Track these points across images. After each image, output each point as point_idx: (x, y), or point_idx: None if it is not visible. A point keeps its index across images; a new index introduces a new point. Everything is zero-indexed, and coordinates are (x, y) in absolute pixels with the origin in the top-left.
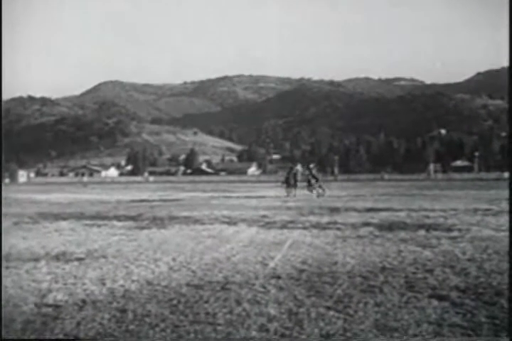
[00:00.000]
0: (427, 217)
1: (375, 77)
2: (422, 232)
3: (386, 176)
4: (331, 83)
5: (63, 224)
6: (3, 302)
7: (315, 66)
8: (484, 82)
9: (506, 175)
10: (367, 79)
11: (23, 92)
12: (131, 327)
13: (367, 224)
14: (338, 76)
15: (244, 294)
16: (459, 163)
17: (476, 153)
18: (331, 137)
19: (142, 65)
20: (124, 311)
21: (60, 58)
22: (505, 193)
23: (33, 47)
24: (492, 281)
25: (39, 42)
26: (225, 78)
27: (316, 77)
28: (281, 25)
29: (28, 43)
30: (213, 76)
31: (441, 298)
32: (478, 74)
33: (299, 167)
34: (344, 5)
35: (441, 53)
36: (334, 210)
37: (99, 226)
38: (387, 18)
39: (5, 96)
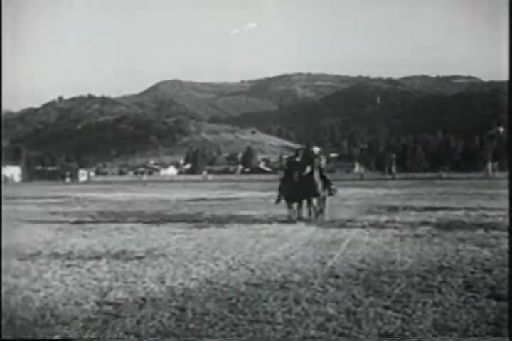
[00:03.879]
0: (486, 216)
1: (433, 74)
2: (480, 231)
3: (444, 175)
4: (389, 81)
5: (123, 222)
6: (64, 300)
7: (373, 64)
8: None
9: None
10: (425, 77)
11: (83, 92)
12: (191, 325)
13: (425, 223)
14: (396, 74)
15: (303, 293)
16: None
17: None
18: (388, 135)
19: (200, 63)
20: (183, 309)
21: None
22: None
23: (89, 47)
24: None
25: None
26: (283, 77)
27: (373, 75)
28: (335, 25)
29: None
30: (271, 74)
31: (499, 298)
32: None
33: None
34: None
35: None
36: (392, 209)
37: (158, 224)
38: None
39: (66, 96)
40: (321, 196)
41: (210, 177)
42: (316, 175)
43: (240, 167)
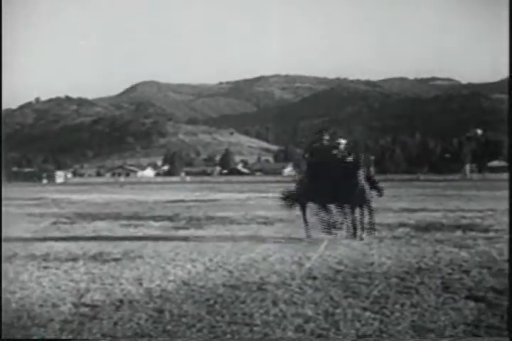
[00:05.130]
0: (464, 217)
1: (411, 76)
2: (458, 233)
3: (422, 176)
4: (367, 83)
5: (100, 224)
6: (41, 302)
7: (352, 66)
8: None
9: None
10: (403, 79)
11: (60, 93)
12: (168, 327)
13: (403, 225)
14: (375, 76)
15: (281, 295)
16: (495, 163)
17: None
18: (367, 137)
19: (177, 65)
20: (161, 311)
21: (96, 58)
22: None
23: (66, 48)
24: None
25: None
26: (261, 78)
27: (352, 77)
28: (316, 26)
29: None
30: (250, 76)
31: (477, 299)
32: None
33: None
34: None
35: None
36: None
37: (136, 226)
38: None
39: (43, 97)
40: (370, 204)
41: (188, 178)
42: (362, 174)
43: (218, 168)
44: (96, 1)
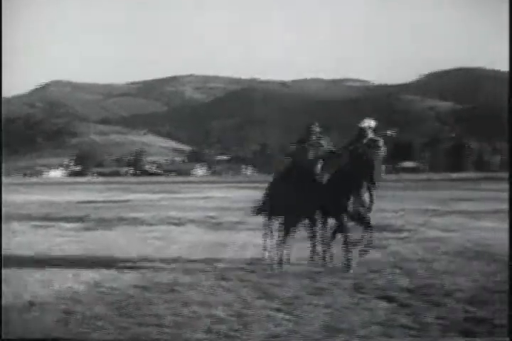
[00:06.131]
0: (381, 217)
1: (325, 77)
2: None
3: None
4: (281, 84)
5: (11, 225)
6: None
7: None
8: (433, 84)
9: (454, 175)
10: (316, 80)
11: None
12: (79, 329)
13: None
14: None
15: (192, 296)
16: (406, 163)
17: (424, 154)
18: (280, 138)
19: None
20: (71, 313)
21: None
22: (451, 194)
23: None
24: (440, 282)
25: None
26: (173, 78)
27: (265, 78)
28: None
29: None
30: (162, 76)
31: (390, 300)
32: (429, 75)
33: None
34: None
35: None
36: None
37: (46, 227)
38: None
39: None
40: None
41: (99, 179)
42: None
43: (130, 169)
44: None
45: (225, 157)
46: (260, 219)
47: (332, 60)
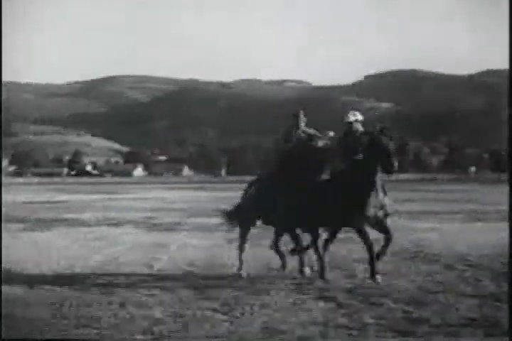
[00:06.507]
0: None
1: (265, 78)
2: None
3: None
4: (221, 84)
5: None
6: None
7: (206, 67)
8: (373, 85)
9: (394, 177)
10: (256, 81)
11: None
12: (17, 331)
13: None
14: (229, 77)
15: (129, 297)
16: None
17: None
18: (219, 138)
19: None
20: (5, 316)
21: None
22: (391, 195)
23: None
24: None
25: None
26: (113, 78)
27: (205, 78)
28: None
29: None
30: (100, 76)
31: (327, 299)
32: (367, 76)
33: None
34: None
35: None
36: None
37: None
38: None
39: None
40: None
41: (36, 179)
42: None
43: (66, 169)
44: None
45: (163, 158)
46: (199, 220)
47: (273, 60)
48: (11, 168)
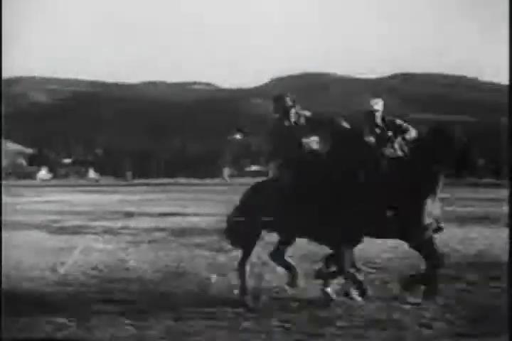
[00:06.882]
0: (222, 221)
1: (171, 80)
2: (216, 237)
3: (182, 180)
4: (128, 86)
5: None
6: None
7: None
8: (282, 87)
9: None
10: (161, 83)
11: None
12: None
13: (160, 229)
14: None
15: (32, 302)
16: (253, 167)
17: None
18: (126, 141)
19: None
20: None
21: None
22: None
23: None
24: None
25: None
26: (18, 79)
27: (111, 80)
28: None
29: None
30: (8, 76)
31: (228, 304)
32: (274, 79)
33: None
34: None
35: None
36: (127, 215)
37: None
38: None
39: None
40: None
41: None
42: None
43: None
44: None
45: (68, 160)
46: (103, 223)
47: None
48: None
